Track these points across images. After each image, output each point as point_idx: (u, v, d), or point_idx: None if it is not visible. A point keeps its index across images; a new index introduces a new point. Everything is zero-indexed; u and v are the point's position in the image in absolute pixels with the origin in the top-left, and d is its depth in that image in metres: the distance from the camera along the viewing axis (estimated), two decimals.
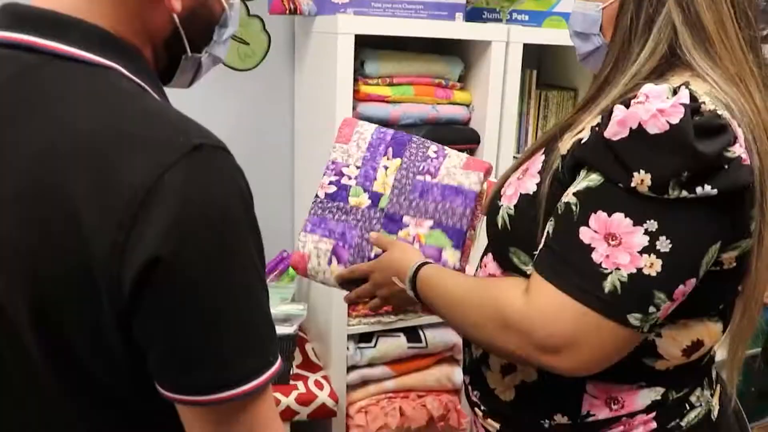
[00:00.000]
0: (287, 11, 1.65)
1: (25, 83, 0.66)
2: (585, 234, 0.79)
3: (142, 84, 0.71)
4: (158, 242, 0.59)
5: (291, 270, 1.86)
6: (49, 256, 0.61)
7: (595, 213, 0.79)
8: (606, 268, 0.77)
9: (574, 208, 0.81)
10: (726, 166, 0.75)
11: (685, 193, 0.75)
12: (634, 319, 0.78)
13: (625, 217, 0.77)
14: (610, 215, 0.78)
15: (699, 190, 0.74)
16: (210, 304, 0.63)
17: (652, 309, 0.78)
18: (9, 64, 0.68)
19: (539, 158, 0.91)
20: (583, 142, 0.82)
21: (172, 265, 0.60)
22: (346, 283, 1.16)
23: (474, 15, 1.77)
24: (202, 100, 1.84)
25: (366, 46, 1.63)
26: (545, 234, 0.84)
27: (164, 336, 0.62)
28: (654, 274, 0.76)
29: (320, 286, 1.82)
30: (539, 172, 0.89)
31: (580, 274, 0.78)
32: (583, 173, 0.82)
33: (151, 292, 0.60)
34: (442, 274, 1.02)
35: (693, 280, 0.78)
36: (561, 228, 0.82)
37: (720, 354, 0.95)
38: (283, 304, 1.80)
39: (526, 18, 1.81)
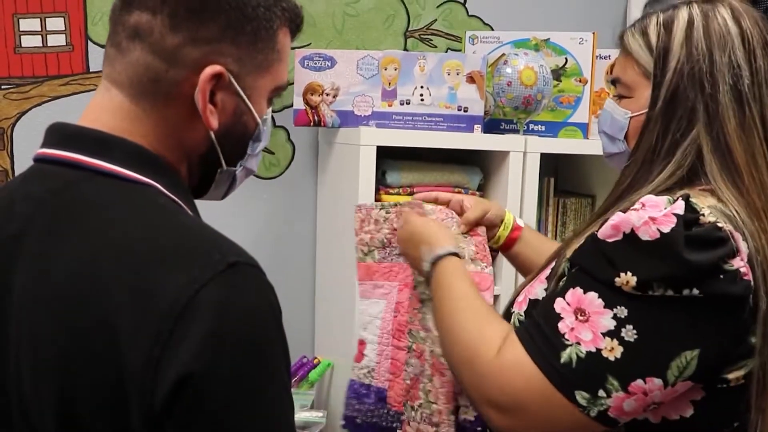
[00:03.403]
0: (311, 123, 1.71)
1: (67, 197, 0.70)
2: (558, 304, 0.82)
3: (177, 200, 0.74)
4: (192, 358, 0.60)
5: (311, 376, 1.84)
6: (82, 365, 0.62)
7: (573, 288, 0.81)
8: (567, 340, 0.79)
9: (561, 284, 0.85)
10: (721, 276, 0.75)
11: (670, 291, 0.76)
12: (581, 397, 0.78)
13: (599, 297, 0.79)
14: (585, 293, 0.80)
15: (685, 291, 0.75)
16: (239, 422, 0.63)
17: (601, 392, 0.77)
18: (53, 179, 0.72)
19: (550, 266, 0.93)
20: (579, 245, 0.85)
21: (204, 382, 0.60)
22: None
23: (492, 126, 1.83)
24: (228, 207, 1.88)
25: (387, 156, 1.68)
26: None
27: None
28: (612, 359, 0.77)
29: (340, 394, 1.80)
30: (547, 278, 0.90)
31: (544, 340, 0.81)
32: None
33: (182, 406, 0.61)
34: (462, 277, 0.99)
35: (657, 382, 0.77)
36: (544, 300, 0.86)
37: None
38: (302, 411, 1.78)
39: (543, 129, 1.87)
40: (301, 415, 1.75)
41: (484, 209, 1.17)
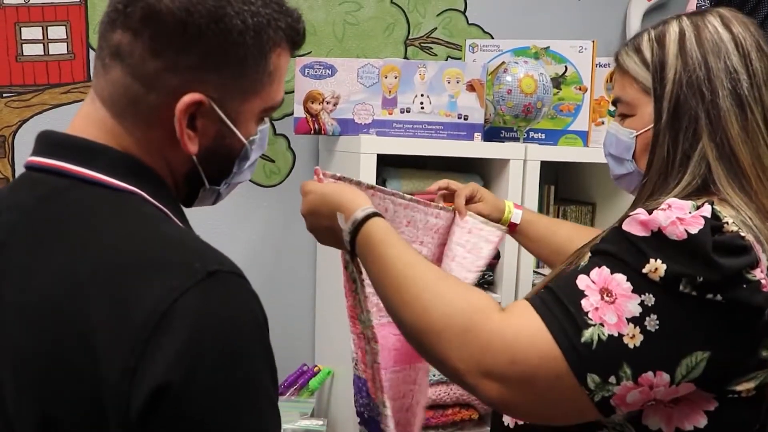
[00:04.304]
0: (312, 131, 1.72)
1: (53, 205, 0.70)
2: (582, 281, 0.79)
3: (164, 209, 0.74)
4: (169, 368, 0.59)
5: (311, 385, 1.84)
6: (60, 374, 0.62)
7: (599, 267, 0.79)
8: (591, 319, 0.76)
9: (582, 264, 0.82)
10: (744, 285, 0.75)
11: (694, 293, 0.74)
12: (591, 380, 0.76)
13: (627, 281, 0.77)
14: (612, 273, 0.78)
15: (708, 296, 0.74)
16: None
17: (612, 379, 0.76)
18: (39, 187, 0.72)
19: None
20: (600, 237, 0.84)
21: (181, 392, 0.59)
22: None
23: (492, 134, 1.84)
24: (228, 215, 1.89)
25: (388, 164, 1.69)
26: None
27: None
28: (631, 346, 0.75)
29: (340, 402, 1.79)
30: None
31: (566, 315, 0.77)
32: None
33: (160, 418, 0.59)
34: (398, 239, 0.91)
35: (665, 377, 0.76)
36: (564, 275, 0.83)
37: None
38: (302, 420, 1.77)
39: (543, 136, 1.87)
40: (301, 423, 1.74)
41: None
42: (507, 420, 0.97)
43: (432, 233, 1.24)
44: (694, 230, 0.75)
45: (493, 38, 2.04)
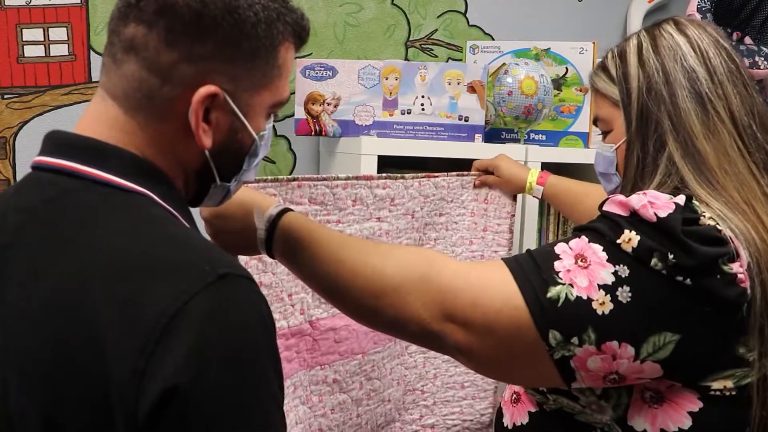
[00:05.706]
0: (313, 132, 1.72)
1: (61, 206, 0.70)
2: (559, 247, 0.82)
3: (172, 210, 0.74)
4: (178, 370, 0.59)
5: None
6: (67, 376, 0.61)
7: (578, 237, 0.82)
8: (560, 279, 0.78)
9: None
10: (718, 276, 0.76)
11: (664, 271, 0.76)
12: (552, 337, 0.77)
13: (603, 250, 0.79)
14: (589, 242, 0.80)
15: (678, 278, 0.75)
16: None
17: (575, 340, 0.77)
18: (48, 188, 0.71)
19: None
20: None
21: (189, 395, 0.59)
22: None
23: (493, 135, 1.84)
24: None
25: (388, 165, 1.69)
26: None
27: None
28: (600, 312, 0.77)
29: None
30: None
31: (536, 272, 0.80)
32: None
33: (167, 419, 0.59)
34: (322, 225, 0.94)
35: (630, 350, 0.77)
36: (545, 244, 0.88)
37: None
38: None
39: (543, 138, 1.87)
40: None
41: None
42: (506, 421, 0.98)
43: (389, 205, 1.20)
44: (663, 213, 0.77)
45: (493, 40, 2.04)
